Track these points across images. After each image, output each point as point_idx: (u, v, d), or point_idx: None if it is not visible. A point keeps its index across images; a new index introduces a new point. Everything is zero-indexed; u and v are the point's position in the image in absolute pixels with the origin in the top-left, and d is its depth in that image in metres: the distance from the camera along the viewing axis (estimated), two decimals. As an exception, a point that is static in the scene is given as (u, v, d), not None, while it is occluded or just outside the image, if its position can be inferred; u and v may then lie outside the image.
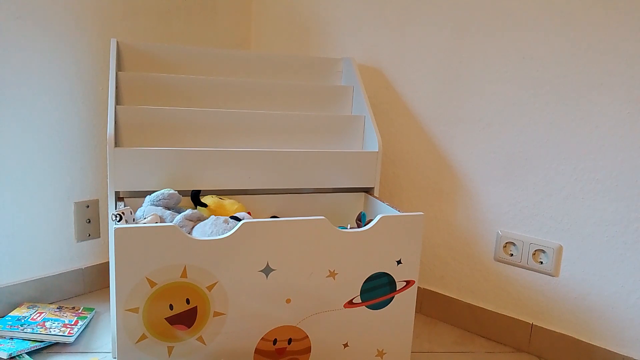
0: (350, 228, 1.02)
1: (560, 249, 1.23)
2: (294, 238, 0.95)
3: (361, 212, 1.24)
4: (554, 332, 1.25)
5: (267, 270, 0.95)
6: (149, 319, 0.90)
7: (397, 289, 1.05)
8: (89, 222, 1.48)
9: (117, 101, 1.19)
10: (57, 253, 1.42)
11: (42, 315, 1.27)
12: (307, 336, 1.01)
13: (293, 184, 1.23)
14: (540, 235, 1.26)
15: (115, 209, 1.07)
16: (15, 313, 1.27)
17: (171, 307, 0.91)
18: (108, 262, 1.50)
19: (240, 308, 0.95)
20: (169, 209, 1.07)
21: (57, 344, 1.20)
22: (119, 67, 1.26)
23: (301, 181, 1.23)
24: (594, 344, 1.20)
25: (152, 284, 0.89)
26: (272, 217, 1.25)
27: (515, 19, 1.24)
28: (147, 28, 1.53)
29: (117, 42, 1.26)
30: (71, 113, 1.39)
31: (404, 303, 1.06)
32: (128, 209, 0.97)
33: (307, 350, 1.02)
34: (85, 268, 1.48)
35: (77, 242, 1.46)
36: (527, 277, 1.29)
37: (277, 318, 0.98)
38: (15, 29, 1.25)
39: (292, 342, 1.01)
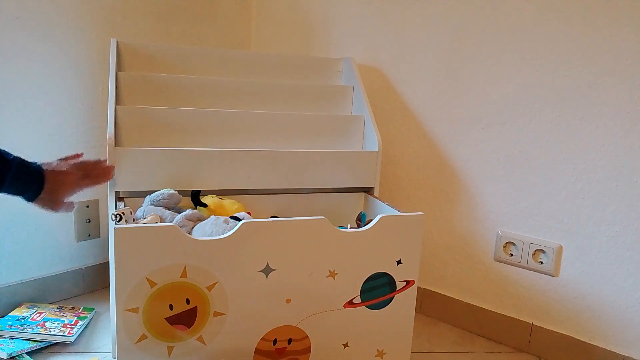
0: (350, 228, 1.02)
1: (560, 249, 1.23)
2: (294, 238, 0.95)
3: (361, 212, 1.24)
4: (554, 332, 1.25)
5: (267, 270, 0.95)
6: (149, 319, 0.90)
7: (397, 289, 1.05)
8: (89, 222, 1.48)
9: (117, 101, 1.19)
10: (57, 253, 1.42)
11: (42, 315, 1.27)
12: (307, 336, 1.01)
13: (293, 184, 1.23)
14: (540, 235, 1.26)
15: (115, 209, 1.07)
16: (15, 313, 1.27)
17: (171, 307, 0.91)
18: (108, 262, 1.50)
19: (240, 308, 0.95)
20: (169, 209, 1.07)
21: (57, 344, 1.20)
22: (119, 67, 1.26)
23: (301, 181, 1.23)
24: (594, 344, 1.20)
25: (152, 284, 0.89)
26: (272, 217, 1.25)
27: (515, 19, 1.24)
28: (147, 28, 1.53)
29: (117, 42, 1.26)
30: (71, 113, 1.39)
31: (404, 303, 1.06)
32: (128, 209, 0.97)
33: (307, 350, 1.02)
34: (85, 268, 1.48)
35: (77, 242, 1.46)
36: (527, 277, 1.29)
37: (277, 318, 0.98)
38: (15, 29, 1.25)
39: (292, 342, 1.01)
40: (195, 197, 1.13)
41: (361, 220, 1.21)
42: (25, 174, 0.87)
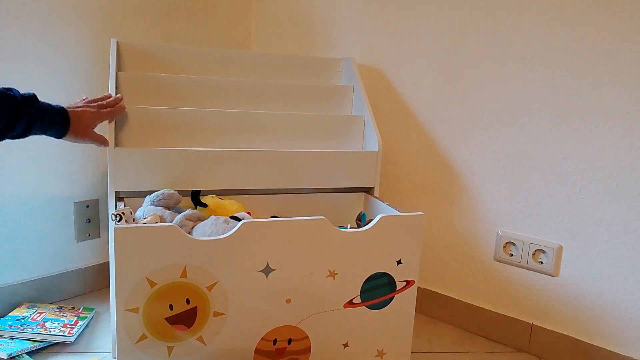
0: (350, 228, 1.02)
1: (560, 249, 1.23)
2: (294, 238, 0.95)
3: (361, 212, 1.24)
4: (554, 332, 1.25)
5: (267, 270, 0.95)
6: (149, 319, 0.90)
7: (397, 289, 1.05)
8: (89, 222, 1.48)
9: (117, 101, 1.19)
10: (57, 253, 1.42)
11: (42, 315, 1.27)
12: (307, 336, 1.01)
13: (293, 184, 1.23)
14: (540, 235, 1.26)
15: (115, 209, 1.07)
16: (15, 313, 1.27)
17: (171, 307, 0.91)
18: (108, 262, 1.50)
19: (240, 308, 0.95)
20: (169, 209, 1.07)
21: (57, 344, 1.20)
22: (119, 67, 1.26)
23: (301, 181, 1.23)
24: (594, 344, 1.20)
25: (152, 284, 0.89)
26: (272, 217, 1.25)
27: (515, 19, 1.24)
28: (147, 28, 1.53)
29: (117, 42, 1.26)
30: (71, 113, 1.39)
31: (404, 303, 1.06)
32: (128, 209, 0.97)
33: (307, 350, 1.02)
34: (85, 268, 1.48)
35: (77, 242, 1.46)
36: (527, 277, 1.29)
37: (277, 318, 0.98)
38: (15, 29, 1.25)
39: (292, 342, 1.01)
40: (195, 197, 1.13)
41: (361, 220, 1.21)
42: (52, 113, 0.98)
